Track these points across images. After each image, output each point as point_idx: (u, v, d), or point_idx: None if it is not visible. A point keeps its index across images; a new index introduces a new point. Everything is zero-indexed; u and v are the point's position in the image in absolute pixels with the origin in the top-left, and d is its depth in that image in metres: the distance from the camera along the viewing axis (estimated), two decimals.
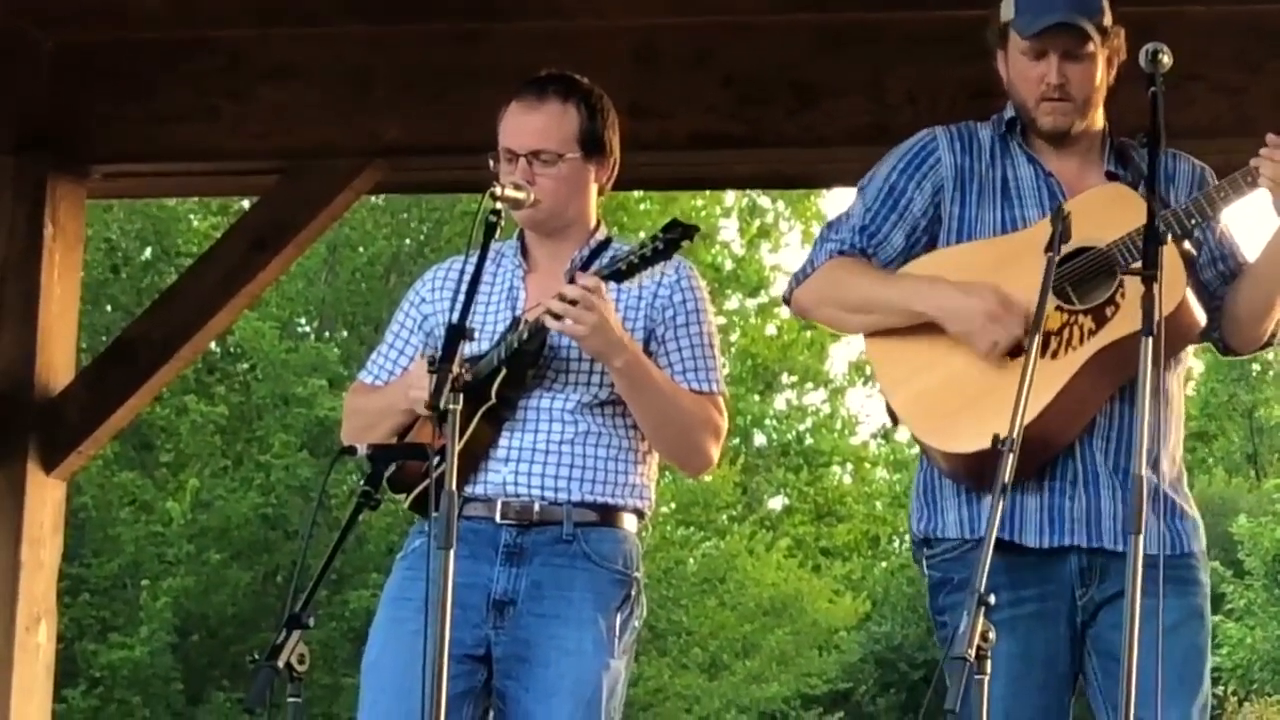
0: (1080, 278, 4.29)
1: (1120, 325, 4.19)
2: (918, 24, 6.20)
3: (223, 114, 6.59)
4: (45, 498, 6.61)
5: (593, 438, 4.55)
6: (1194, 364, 25.72)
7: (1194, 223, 4.27)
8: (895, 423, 4.48)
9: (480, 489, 4.52)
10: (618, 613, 4.54)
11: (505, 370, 4.49)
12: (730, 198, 28.37)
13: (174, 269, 22.21)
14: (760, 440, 30.10)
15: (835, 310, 4.53)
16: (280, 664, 4.00)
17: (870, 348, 4.52)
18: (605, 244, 4.67)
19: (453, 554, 3.93)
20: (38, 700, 6.54)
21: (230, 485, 22.85)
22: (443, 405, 4.00)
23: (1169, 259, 3.99)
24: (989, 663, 3.65)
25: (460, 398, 4.03)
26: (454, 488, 3.97)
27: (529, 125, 4.59)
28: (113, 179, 6.93)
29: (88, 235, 8.98)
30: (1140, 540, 3.73)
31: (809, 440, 30.47)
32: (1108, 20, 4.40)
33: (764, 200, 28.93)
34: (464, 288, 4.21)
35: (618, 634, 4.54)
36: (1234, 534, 26.20)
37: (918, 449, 4.51)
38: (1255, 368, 32.85)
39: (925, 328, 4.37)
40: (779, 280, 27.88)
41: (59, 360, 6.68)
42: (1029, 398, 3.85)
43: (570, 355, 4.53)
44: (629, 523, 4.60)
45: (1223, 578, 24.88)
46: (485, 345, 4.52)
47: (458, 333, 4.10)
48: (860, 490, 31.30)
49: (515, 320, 4.54)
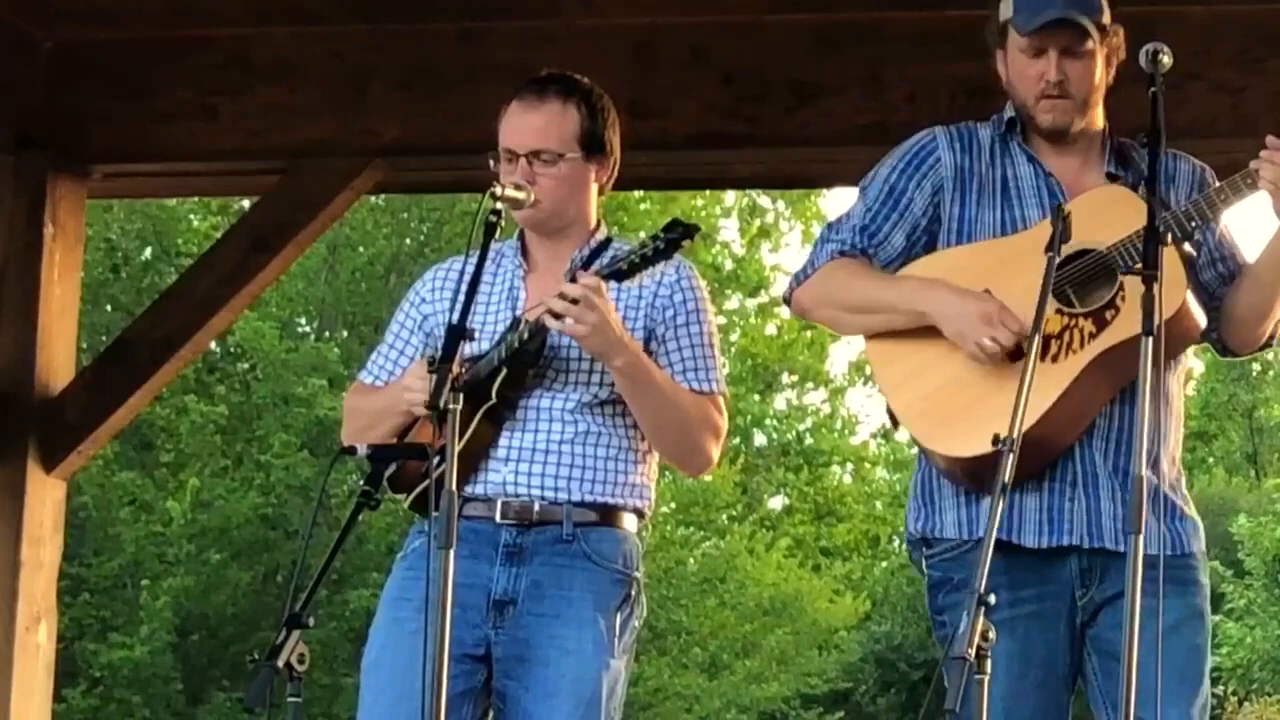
0: (1081, 280, 4.28)
1: (1121, 328, 4.18)
2: (917, 23, 6.20)
3: (222, 113, 6.59)
4: (45, 497, 6.61)
5: (593, 437, 4.55)
6: (1194, 364, 25.71)
7: (1194, 225, 4.27)
8: (895, 425, 4.47)
9: (480, 489, 4.52)
10: (618, 612, 4.54)
11: (505, 370, 4.48)
12: (730, 198, 28.37)
13: (174, 269, 22.21)
14: (760, 440, 30.09)
15: (835, 310, 4.53)
16: (280, 664, 4.00)
17: (871, 349, 4.51)
18: (605, 244, 4.66)
19: (453, 554, 3.93)
20: (38, 700, 6.54)
21: (230, 485, 22.84)
22: (443, 405, 4.00)
23: (1169, 262, 3.98)
24: (989, 662, 3.65)
25: (460, 397, 4.03)
26: (454, 487, 3.97)
27: (529, 125, 4.58)
28: (112, 178, 6.94)
29: (88, 235, 8.96)
30: (1140, 540, 3.73)
31: (809, 440, 30.47)
32: (1106, 18, 4.39)
33: (764, 200, 28.93)
34: (464, 288, 4.21)
35: (618, 634, 4.53)
36: (1234, 534, 26.17)
37: (917, 449, 4.50)
38: (1255, 368, 32.83)
39: (926, 330, 4.36)
40: (779, 280, 27.88)
41: (59, 360, 6.68)
42: (1031, 401, 3.85)
43: (570, 355, 4.53)
44: (629, 522, 4.60)
45: (1223, 578, 24.86)
46: (485, 345, 4.51)
47: (458, 333, 4.10)
48: (860, 490, 31.30)
49: (515, 320, 4.53)
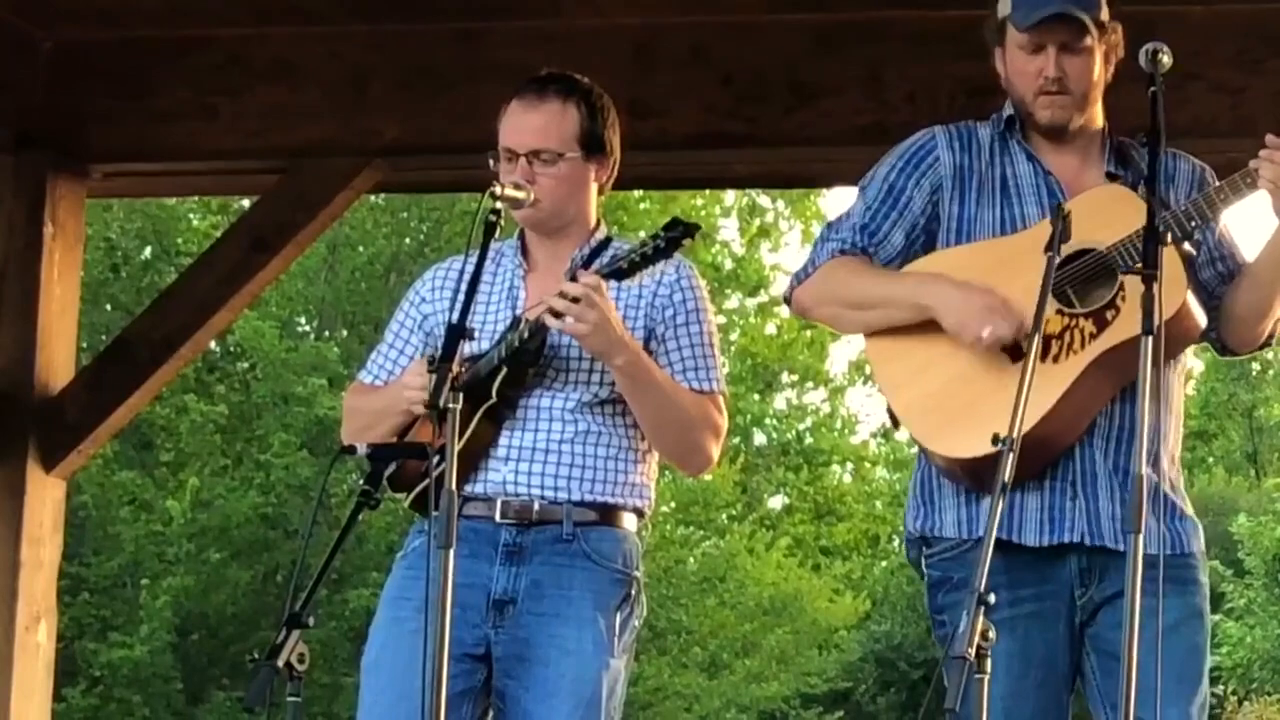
0: (1081, 280, 4.28)
1: (1121, 329, 4.18)
2: (917, 23, 6.20)
3: (222, 113, 6.59)
4: (45, 497, 6.61)
5: (593, 437, 4.55)
6: (1194, 364, 25.73)
7: (1194, 224, 4.26)
8: (896, 424, 4.47)
9: (480, 488, 4.52)
10: (617, 612, 4.54)
11: (505, 369, 4.48)
12: (730, 197, 28.36)
13: (174, 268, 22.19)
14: (760, 439, 30.09)
15: (836, 308, 4.53)
16: (280, 663, 4.00)
17: (871, 349, 4.51)
18: (605, 243, 4.66)
19: (452, 553, 3.93)
20: (37, 699, 6.54)
21: (230, 484, 22.83)
22: (442, 404, 4.00)
23: (1169, 261, 3.98)
24: (989, 662, 3.65)
25: (460, 397, 4.03)
26: (454, 487, 3.97)
27: (529, 124, 4.58)
28: (112, 178, 6.93)
29: (87, 234, 8.97)
30: (1140, 539, 3.73)
31: (809, 439, 30.47)
32: (1105, 14, 4.39)
33: (764, 200, 28.92)
34: (464, 287, 4.21)
35: (618, 633, 4.53)
36: (1234, 533, 26.16)
37: (917, 448, 4.50)
38: (1255, 367, 32.82)
39: (926, 329, 4.36)
40: (779, 280, 27.87)
41: (59, 359, 6.68)
42: (1032, 402, 3.85)
43: (570, 354, 4.52)
44: (629, 522, 4.60)
45: (1223, 577, 24.85)
46: (485, 345, 4.51)
47: (457, 332, 4.10)
48: (860, 489, 31.30)
49: (515, 319, 4.53)
